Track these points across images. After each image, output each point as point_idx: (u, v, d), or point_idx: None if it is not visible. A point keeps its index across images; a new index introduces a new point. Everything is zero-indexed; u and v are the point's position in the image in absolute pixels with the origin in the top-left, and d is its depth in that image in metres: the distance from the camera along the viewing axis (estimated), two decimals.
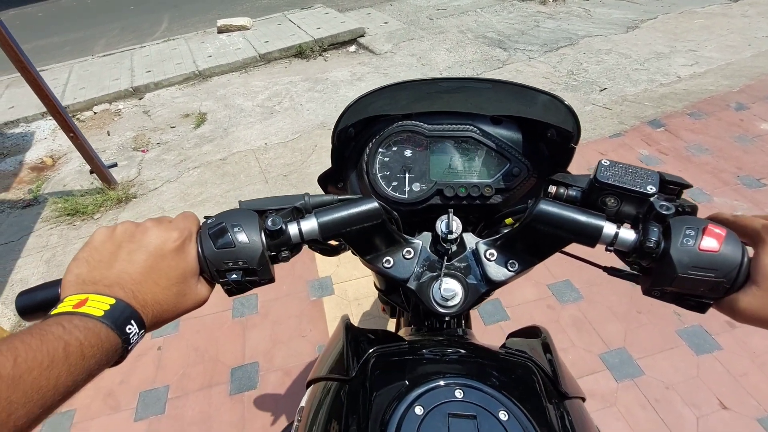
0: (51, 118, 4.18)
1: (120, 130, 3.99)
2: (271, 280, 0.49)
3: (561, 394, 0.51)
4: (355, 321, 1.87)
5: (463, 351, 0.57)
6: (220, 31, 5.58)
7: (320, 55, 4.98)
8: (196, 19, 6.94)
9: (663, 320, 1.76)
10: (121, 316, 0.37)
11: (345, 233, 0.52)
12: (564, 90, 3.59)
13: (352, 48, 5.06)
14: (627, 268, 0.56)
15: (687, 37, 4.17)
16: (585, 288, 1.91)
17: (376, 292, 2.02)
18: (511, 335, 0.72)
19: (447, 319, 0.69)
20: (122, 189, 3.05)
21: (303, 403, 0.59)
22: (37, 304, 0.45)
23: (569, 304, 1.86)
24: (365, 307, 1.93)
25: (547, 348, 0.60)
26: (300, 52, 4.94)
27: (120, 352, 0.37)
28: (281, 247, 0.49)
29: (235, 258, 0.45)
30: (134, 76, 4.68)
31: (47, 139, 3.94)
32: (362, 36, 5.13)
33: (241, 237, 0.46)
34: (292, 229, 0.50)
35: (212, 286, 0.48)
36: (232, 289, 0.48)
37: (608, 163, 0.51)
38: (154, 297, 0.41)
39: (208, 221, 0.48)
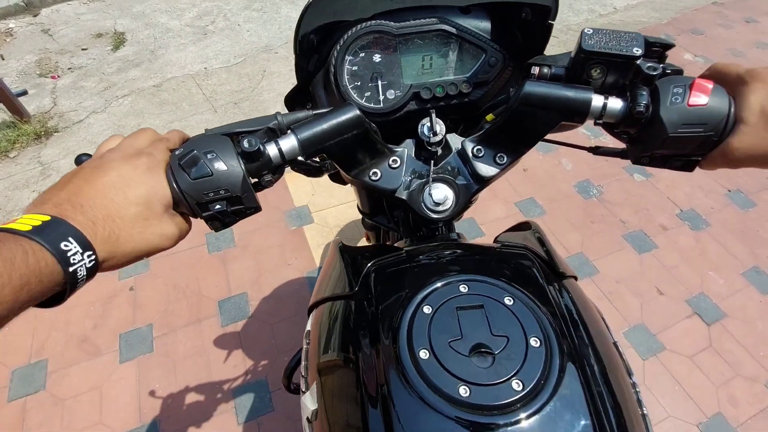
0: None
1: (16, 52, 3.32)
2: (258, 208, 0.46)
3: (558, 274, 0.54)
4: None
5: (460, 251, 0.58)
6: None
7: None
8: None
9: (612, 227, 2.01)
10: (53, 232, 0.32)
11: (327, 147, 0.49)
12: None
13: None
14: (610, 145, 0.58)
15: None
16: (547, 204, 2.09)
17: (357, 218, 2.04)
18: (498, 237, 0.75)
19: (440, 225, 0.71)
20: (38, 122, 2.62)
21: (309, 327, 0.60)
22: None
23: (535, 218, 2.04)
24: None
25: (540, 237, 0.64)
26: None
27: (58, 278, 0.32)
28: (262, 170, 0.46)
29: (216, 187, 0.42)
30: None
31: None
32: None
33: (218, 164, 0.42)
34: (271, 149, 0.46)
35: (189, 222, 0.44)
36: (218, 223, 0.45)
37: (591, 31, 0.48)
38: (107, 212, 0.36)
39: (176, 151, 0.43)
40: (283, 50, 3.21)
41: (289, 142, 0.47)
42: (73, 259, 0.32)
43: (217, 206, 0.43)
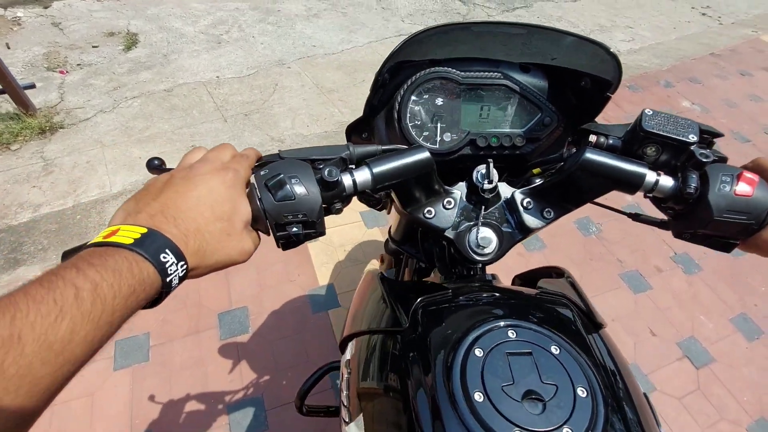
0: None
1: (23, 43, 3.30)
2: (323, 233, 0.48)
3: (596, 325, 0.57)
4: (345, 266, 1.90)
5: (503, 295, 0.61)
6: None
7: None
8: None
9: (609, 265, 2.07)
10: (153, 244, 0.34)
11: (395, 183, 0.52)
12: None
13: None
14: (650, 214, 0.61)
15: (625, 13, 4.52)
16: (548, 239, 2.14)
17: (362, 239, 2.05)
18: (518, 276, 0.78)
19: (480, 266, 0.72)
20: (44, 116, 2.60)
21: (348, 356, 0.62)
22: None
23: (536, 252, 2.08)
24: (352, 254, 1.96)
25: (574, 285, 0.66)
26: None
27: (157, 286, 0.34)
28: (335, 198, 0.49)
29: (296, 210, 0.44)
30: None
31: None
32: None
33: (300, 189, 0.44)
34: (346, 180, 0.49)
35: (260, 239, 0.47)
36: (288, 243, 0.47)
37: (651, 112, 0.52)
38: (197, 226, 0.38)
39: (261, 172, 0.45)
40: (295, 65, 3.26)
41: (363, 175, 0.50)
42: (170, 270, 0.35)
43: (294, 228, 0.45)
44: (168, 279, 0.35)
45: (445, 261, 0.81)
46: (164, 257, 0.34)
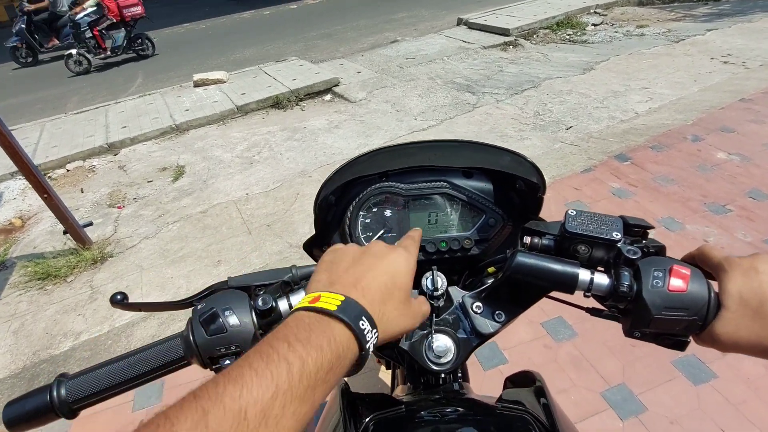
0: (21, 177, 4.07)
1: (94, 186, 3.90)
2: None
3: None
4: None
5: (460, 409, 0.58)
6: (197, 85, 5.66)
7: (297, 104, 5.10)
8: (171, 74, 7.05)
9: (657, 351, 1.75)
10: (352, 312, 0.37)
11: None
12: (533, 129, 3.78)
13: (328, 97, 5.22)
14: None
15: (638, 76, 4.52)
16: (578, 324, 1.92)
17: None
18: (509, 378, 0.74)
19: (443, 375, 0.69)
20: (97, 248, 2.94)
21: None
22: (27, 413, 0.42)
23: (564, 341, 1.86)
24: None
25: (542, 394, 0.61)
26: (277, 103, 5.06)
27: (354, 354, 0.36)
28: (273, 324, 0.48)
29: (228, 342, 0.44)
30: (109, 132, 4.64)
31: (16, 199, 3.80)
32: (337, 85, 5.31)
33: (233, 320, 0.45)
34: (283, 305, 0.49)
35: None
36: None
37: (574, 213, 0.53)
38: (381, 297, 0.41)
39: (199, 306, 0.47)
40: (316, 174, 3.52)
41: (299, 298, 0.49)
42: (367, 336, 0.37)
43: (227, 361, 0.45)
44: (366, 345, 0.37)
45: (413, 370, 0.77)
46: (362, 324, 0.37)
